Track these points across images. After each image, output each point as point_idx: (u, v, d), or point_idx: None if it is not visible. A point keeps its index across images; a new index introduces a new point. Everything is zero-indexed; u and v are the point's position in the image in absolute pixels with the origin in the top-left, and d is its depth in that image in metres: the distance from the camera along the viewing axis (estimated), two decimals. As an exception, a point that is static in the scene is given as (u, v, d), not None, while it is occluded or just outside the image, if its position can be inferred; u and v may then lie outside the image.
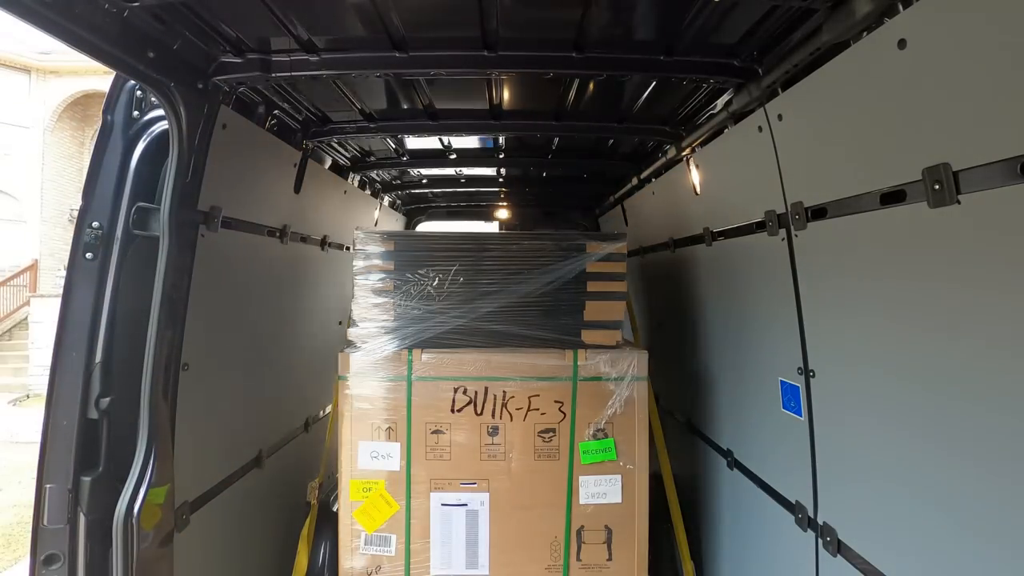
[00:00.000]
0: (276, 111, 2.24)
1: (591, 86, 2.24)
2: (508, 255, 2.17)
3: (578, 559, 2.12)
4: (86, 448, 1.60)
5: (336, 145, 2.88)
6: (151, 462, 1.59)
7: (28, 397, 12.59)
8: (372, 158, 3.27)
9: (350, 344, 2.14)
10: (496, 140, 3.00)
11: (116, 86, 1.73)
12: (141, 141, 1.72)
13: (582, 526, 2.12)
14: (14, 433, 9.82)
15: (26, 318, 14.07)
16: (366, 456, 2.09)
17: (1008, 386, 1.04)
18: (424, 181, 3.95)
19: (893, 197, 1.28)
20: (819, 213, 1.60)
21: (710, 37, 1.75)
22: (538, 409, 2.11)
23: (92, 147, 1.76)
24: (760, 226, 1.90)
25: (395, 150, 3.12)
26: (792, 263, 1.74)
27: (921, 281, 1.25)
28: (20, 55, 15.05)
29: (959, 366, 1.16)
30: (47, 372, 1.63)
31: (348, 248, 3.19)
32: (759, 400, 2.01)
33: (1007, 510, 1.05)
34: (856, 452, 1.51)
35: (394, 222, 4.42)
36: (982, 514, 1.11)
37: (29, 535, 1.58)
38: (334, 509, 2.25)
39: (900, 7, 1.19)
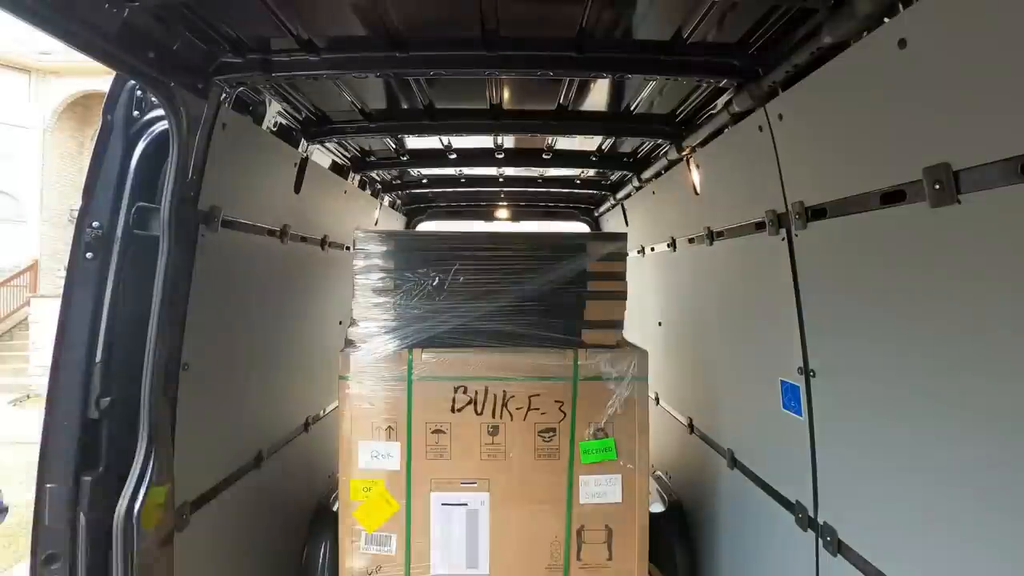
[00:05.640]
0: (276, 111, 2.24)
1: (591, 86, 2.24)
2: (508, 254, 2.16)
3: (578, 559, 2.11)
4: (86, 448, 1.59)
5: (336, 145, 2.88)
6: (151, 462, 1.59)
7: (28, 397, 12.60)
8: (372, 158, 3.26)
9: (350, 344, 2.14)
10: (496, 139, 3.01)
11: (116, 86, 1.72)
12: (141, 141, 1.71)
13: (582, 526, 2.11)
14: (14, 433, 9.83)
15: (26, 318, 14.09)
16: (366, 455, 2.08)
17: (1008, 386, 1.04)
18: (424, 181, 3.95)
19: (893, 197, 1.28)
20: (819, 213, 1.60)
21: (710, 37, 1.75)
22: (538, 409, 2.10)
23: (92, 147, 1.76)
24: (760, 226, 1.90)
25: (395, 150, 3.11)
26: (792, 263, 1.74)
27: (921, 280, 1.25)
28: (20, 55, 15.05)
29: (959, 366, 1.15)
30: (47, 372, 1.63)
31: (348, 248, 3.19)
32: (759, 400, 2.01)
33: (1007, 510, 1.05)
34: (856, 452, 1.51)
35: (394, 222, 4.41)
36: (982, 514, 1.11)
37: (29, 535, 1.57)
38: (334, 509, 2.24)
39: (900, 7, 1.19)
